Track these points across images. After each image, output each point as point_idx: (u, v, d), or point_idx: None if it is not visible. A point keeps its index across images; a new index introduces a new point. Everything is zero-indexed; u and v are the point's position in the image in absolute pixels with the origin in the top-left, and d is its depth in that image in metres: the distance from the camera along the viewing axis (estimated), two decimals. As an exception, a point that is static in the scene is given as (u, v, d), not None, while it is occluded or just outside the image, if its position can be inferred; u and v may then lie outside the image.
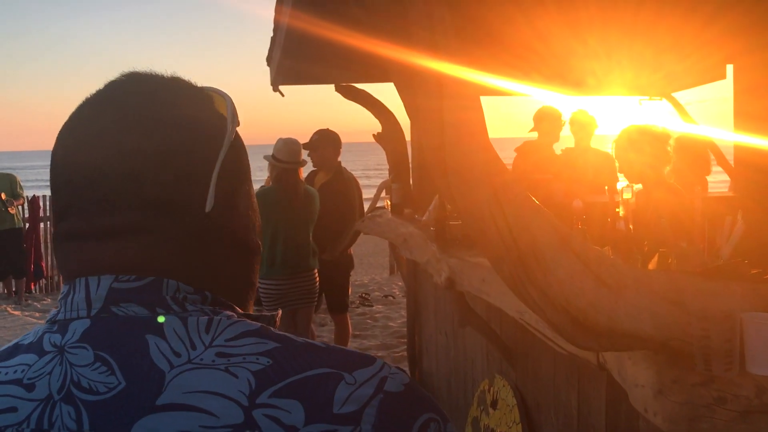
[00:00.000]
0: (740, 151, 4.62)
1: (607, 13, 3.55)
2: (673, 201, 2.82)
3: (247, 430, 0.64)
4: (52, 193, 0.78)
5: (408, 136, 5.18)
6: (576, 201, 2.61)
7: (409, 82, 1.78)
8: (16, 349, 0.74)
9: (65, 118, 0.79)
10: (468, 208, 1.63)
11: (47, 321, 0.75)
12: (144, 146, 0.73)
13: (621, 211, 2.58)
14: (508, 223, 1.57)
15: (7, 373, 0.71)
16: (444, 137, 1.65)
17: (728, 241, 2.05)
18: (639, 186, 3.25)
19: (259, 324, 0.73)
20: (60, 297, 0.75)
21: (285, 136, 5.08)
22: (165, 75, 0.81)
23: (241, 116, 0.82)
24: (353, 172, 5.92)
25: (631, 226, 2.53)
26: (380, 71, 3.97)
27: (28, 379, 0.70)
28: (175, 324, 0.70)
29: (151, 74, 0.80)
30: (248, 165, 0.84)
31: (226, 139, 0.77)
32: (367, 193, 6.87)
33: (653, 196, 3.03)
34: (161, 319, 0.70)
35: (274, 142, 5.07)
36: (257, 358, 0.68)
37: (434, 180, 1.77)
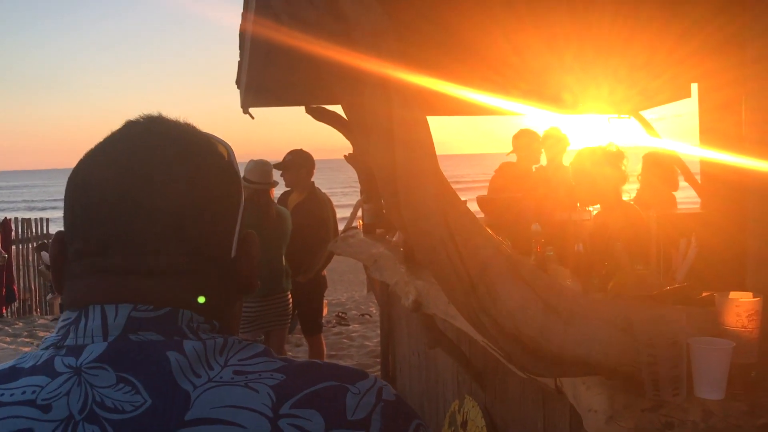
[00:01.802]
0: (707, 167, 4.69)
1: (583, 31, 3.57)
2: (627, 223, 2.84)
3: None
4: (82, 223, 0.79)
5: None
6: (534, 225, 2.63)
7: (356, 91, 1.69)
8: (16, 372, 0.74)
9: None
10: (419, 237, 1.64)
11: (47, 346, 0.75)
12: (185, 197, 0.79)
13: (579, 233, 2.60)
14: (459, 253, 1.58)
15: (13, 395, 0.72)
16: (395, 155, 1.62)
17: (683, 263, 2.07)
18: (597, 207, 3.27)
19: (263, 346, 0.80)
20: (65, 322, 0.76)
21: (257, 157, 5.10)
22: (181, 122, 0.85)
23: None
24: (325, 190, 5.92)
25: (587, 249, 2.55)
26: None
27: (43, 399, 0.71)
28: (194, 343, 0.75)
29: (174, 122, 0.84)
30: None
31: (243, 191, 0.87)
32: (340, 213, 6.86)
33: (610, 217, 3.05)
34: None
35: (245, 164, 5.09)
36: (272, 375, 0.75)
37: (385, 199, 1.72)
